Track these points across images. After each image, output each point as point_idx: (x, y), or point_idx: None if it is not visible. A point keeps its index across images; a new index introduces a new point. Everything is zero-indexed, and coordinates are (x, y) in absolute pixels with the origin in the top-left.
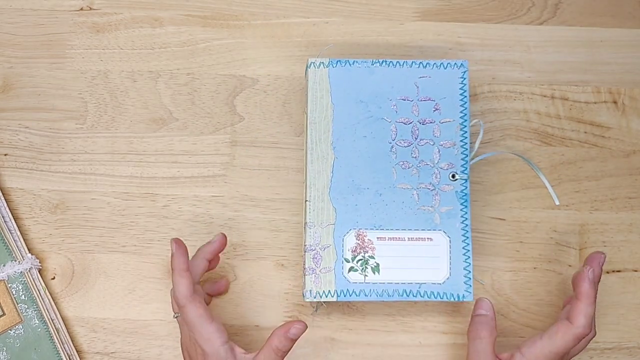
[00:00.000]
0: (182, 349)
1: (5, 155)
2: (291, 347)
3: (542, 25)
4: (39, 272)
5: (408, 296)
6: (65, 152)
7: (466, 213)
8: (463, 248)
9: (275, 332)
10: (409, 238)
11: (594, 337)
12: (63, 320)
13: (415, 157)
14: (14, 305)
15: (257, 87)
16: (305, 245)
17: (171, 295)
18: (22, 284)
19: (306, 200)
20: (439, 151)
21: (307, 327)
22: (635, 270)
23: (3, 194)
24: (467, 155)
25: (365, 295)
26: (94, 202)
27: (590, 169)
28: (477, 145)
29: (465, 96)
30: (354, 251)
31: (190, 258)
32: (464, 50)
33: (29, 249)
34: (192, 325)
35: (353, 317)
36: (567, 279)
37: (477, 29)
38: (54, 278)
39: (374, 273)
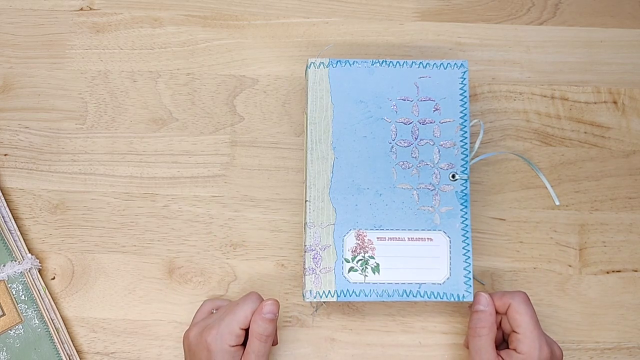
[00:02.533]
0: (184, 344)
1: (5, 155)
2: (273, 328)
3: (542, 25)
4: (39, 272)
5: (408, 296)
6: (65, 152)
7: (466, 213)
8: (463, 248)
9: (252, 319)
10: (409, 238)
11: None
12: (63, 320)
13: (415, 157)
14: (14, 305)
15: (257, 87)
16: (305, 246)
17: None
18: (22, 284)
19: (306, 200)
20: (439, 151)
21: (278, 303)
22: (635, 270)
23: (3, 194)
24: (467, 156)
25: (365, 295)
26: (94, 202)
27: (590, 169)
28: (477, 145)
29: (465, 96)
30: (354, 251)
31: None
32: (464, 50)
33: (29, 249)
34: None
35: (353, 317)
36: (567, 279)
37: (477, 29)
38: (54, 278)
39: (374, 273)
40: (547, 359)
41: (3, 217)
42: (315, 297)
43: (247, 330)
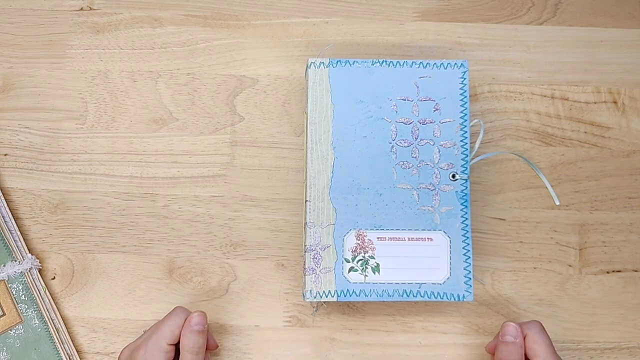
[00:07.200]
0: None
1: (5, 155)
2: (203, 340)
3: (542, 25)
4: (39, 272)
5: (408, 296)
6: (65, 152)
7: (466, 213)
8: (463, 248)
9: (182, 333)
10: (409, 238)
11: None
12: (63, 320)
13: (416, 157)
14: (14, 305)
15: (257, 87)
16: (305, 245)
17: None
18: (22, 284)
19: (306, 200)
20: (439, 151)
21: (205, 314)
22: (635, 270)
23: (3, 194)
24: (467, 155)
25: (366, 295)
26: (94, 202)
27: (590, 169)
28: (477, 145)
29: (466, 96)
30: (354, 251)
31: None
32: (464, 50)
33: (29, 249)
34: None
35: (353, 317)
36: (567, 279)
37: (477, 29)
38: (54, 278)
39: (374, 273)
40: None
41: (3, 217)
42: (315, 297)
43: (176, 345)
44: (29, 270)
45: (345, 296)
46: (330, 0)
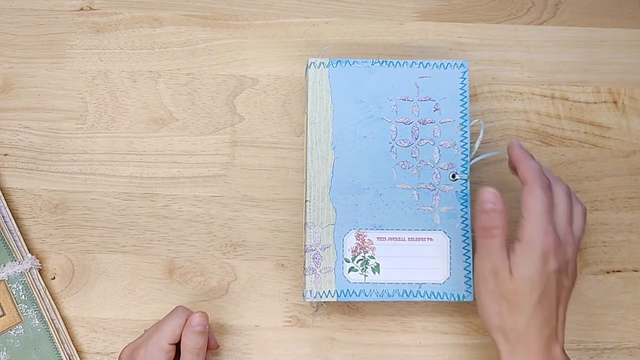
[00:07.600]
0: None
1: (5, 155)
2: (204, 341)
3: (542, 25)
4: (39, 272)
5: (408, 296)
6: (65, 152)
7: (466, 213)
8: (463, 248)
9: (183, 333)
10: (409, 238)
11: (585, 210)
12: (63, 320)
13: (416, 157)
14: (14, 305)
15: (257, 87)
16: (305, 246)
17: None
18: (22, 284)
19: (306, 200)
20: (439, 151)
21: (207, 315)
22: (635, 270)
23: (3, 194)
24: (467, 155)
25: (366, 295)
26: (94, 202)
27: (590, 169)
28: (477, 145)
29: (466, 96)
30: (354, 251)
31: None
32: (464, 50)
33: (29, 249)
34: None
35: (353, 317)
36: None
37: (477, 29)
38: (54, 278)
39: (374, 273)
40: (551, 248)
41: (3, 217)
42: (315, 297)
43: (176, 345)
44: (29, 270)
45: (345, 296)
46: (330, 0)
